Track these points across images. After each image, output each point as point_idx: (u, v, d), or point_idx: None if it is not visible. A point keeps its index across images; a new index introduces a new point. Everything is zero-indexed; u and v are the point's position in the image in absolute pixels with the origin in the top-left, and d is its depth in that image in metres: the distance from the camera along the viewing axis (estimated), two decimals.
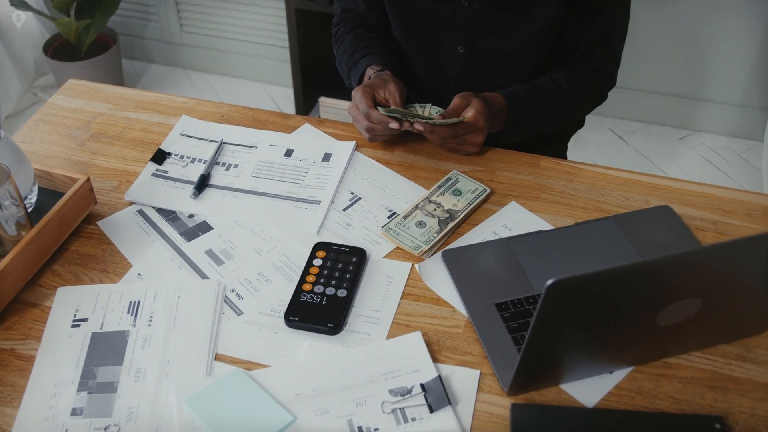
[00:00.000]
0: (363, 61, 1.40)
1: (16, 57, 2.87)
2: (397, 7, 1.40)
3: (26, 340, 1.03)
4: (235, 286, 1.10)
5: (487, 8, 1.32)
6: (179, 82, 3.12)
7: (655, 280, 0.83)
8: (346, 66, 1.46)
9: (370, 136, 1.30)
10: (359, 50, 1.43)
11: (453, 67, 1.42)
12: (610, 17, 1.35)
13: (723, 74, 2.66)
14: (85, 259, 1.15)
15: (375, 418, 0.93)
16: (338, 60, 1.51)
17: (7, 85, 2.80)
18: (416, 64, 1.46)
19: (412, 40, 1.44)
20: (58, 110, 1.44)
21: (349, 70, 1.45)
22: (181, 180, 1.28)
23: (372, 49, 1.43)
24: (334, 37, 1.54)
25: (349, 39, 1.48)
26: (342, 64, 1.48)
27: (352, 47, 1.45)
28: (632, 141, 2.79)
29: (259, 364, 1.00)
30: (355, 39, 1.47)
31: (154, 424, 0.93)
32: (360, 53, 1.43)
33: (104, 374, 0.98)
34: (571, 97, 1.37)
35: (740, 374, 0.99)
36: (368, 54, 1.42)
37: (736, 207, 1.23)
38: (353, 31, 1.49)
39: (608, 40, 1.38)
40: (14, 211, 1.08)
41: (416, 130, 1.24)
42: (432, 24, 1.38)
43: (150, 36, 3.15)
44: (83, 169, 1.30)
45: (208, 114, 1.43)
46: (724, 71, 2.65)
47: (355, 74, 1.42)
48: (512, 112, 1.32)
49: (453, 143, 1.28)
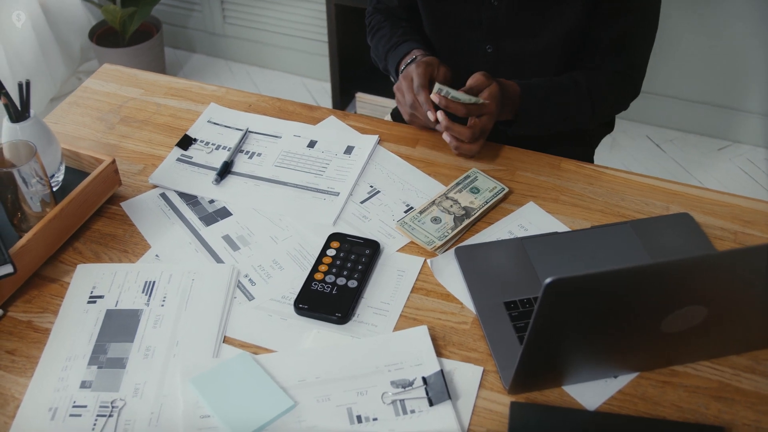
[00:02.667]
0: (405, 45, 1.41)
1: (63, 42, 2.94)
2: (428, 5, 1.41)
3: (44, 314, 1.07)
4: (248, 271, 1.12)
5: (513, 8, 1.32)
6: (219, 72, 3.16)
7: (658, 286, 0.82)
8: (384, 48, 1.46)
9: (410, 117, 1.31)
10: (397, 35, 1.44)
11: (481, 67, 1.41)
12: (636, 21, 1.33)
13: (765, 85, 2.60)
14: (106, 239, 1.18)
15: (374, 408, 0.93)
16: (374, 46, 1.51)
17: (52, 69, 2.87)
18: (446, 62, 1.46)
19: (442, 38, 1.45)
20: (91, 93, 1.48)
21: (386, 52, 1.45)
22: (205, 166, 1.30)
23: (411, 36, 1.44)
24: (368, 27, 1.56)
25: (387, 26, 1.49)
26: (379, 48, 1.48)
27: (390, 32, 1.46)
28: (669, 150, 2.75)
29: (265, 349, 1.02)
30: (393, 26, 1.48)
31: (158, 401, 0.95)
32: (399, 38, 1.44)
33: (115, 350, 1.01)
34: (588, 96, 1.35)
35: (748, 386, 0.98)
36: (409, 40, 1.43)
37: (759, 218, 1.21)
38: (388, 19, 1.50)
39: (633, 44, 1.36)
40: (39, 189, 1.11)
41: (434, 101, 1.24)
42: (461, 23, 1.39)
43: (193, 26, 3.20)
44: (111, 151, 1.33)
45: (236, 103, 1.45)
46: (766, 81, 2.60)
47: (395, 57, 1.42)
48: (525, 102, 1.31)
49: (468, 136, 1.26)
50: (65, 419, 0.93)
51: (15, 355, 1.01)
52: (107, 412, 0.94)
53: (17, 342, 1.03)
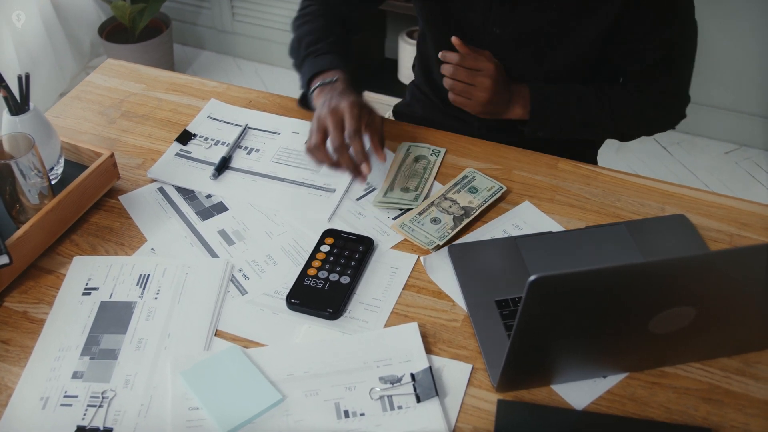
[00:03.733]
0: (328, 58, 1.31)
1: (73, 37, 2.96)
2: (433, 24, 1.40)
3: (39, 305, 1.08)
4: (242, 266, 1.13)
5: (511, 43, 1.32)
6: (228, 69, 3.18)
7: (644, 286, 0.82)
8: (305, 49, 1.34)
9: (320, 156, 1.18)
10: (325, 42, 1.34)
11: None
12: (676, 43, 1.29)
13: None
14: (103, 231, 1.19)
15: (362, 404, 0.94)
16: (296, 38, 1.39)
17: (62, 64, 2.89)
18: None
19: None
20: (93, 88, 1.49)
21: (307, 55, 1.33)
22: (203, 161, 1.31)
23: (339, 48, 1.34)
24: (300, 10, 1.44)
25: (319, 24, 1.38)
26: (301, 44, 1.36)
27: (320, 34, 1.35)
28: (676, 152, 2.74)
29: (256, 343, 1.03)
30: (325, 27, 1.37)
31: (148, 393, 0.96)
32: (326, 46, 1.33)
33: (107, 341, 1.02)
34: (609, 107, 1.33)
35: (738, 389, 0.97)
36: (334, 52, 1.32)
37: (755, 220, 1.20)
38: (324, 16, 1.40)
39: (673, 61, 1.32)
40: (37, 181, 1.12)
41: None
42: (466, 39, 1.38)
43: (202, 23, 3.21)
44: (111, 145, 1.34)
45: (236, 99, 1.46)
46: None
47: (313, 65, 1.31)
48: (537, 99, 1.30)
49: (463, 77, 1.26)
50: (56, 408, 0.94)
51: (9, 345, 1.02)
52: (97, 402, 0.94)
53: (12, 332, 1.04)
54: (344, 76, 1.27)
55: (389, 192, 1.24)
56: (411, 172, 1.28)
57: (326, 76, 1.28)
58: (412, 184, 1.25)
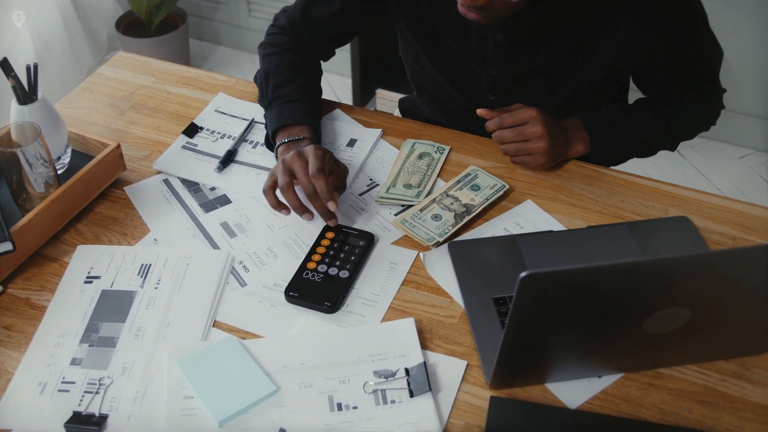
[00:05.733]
0: (297, 108, 1.26)
1: (90, 31, 2.99)
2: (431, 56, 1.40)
3: (42, 292, 1.09)
4: (243, 258, 1.14)
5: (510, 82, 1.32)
6: (243, 65, 3.19)
7: (637, 285, 0.82)
8: (273, 92, 1.29)
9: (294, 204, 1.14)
10: (296, 86, 1.30)
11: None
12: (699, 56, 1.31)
13: None
14: (107, 221, 1.20)
15: (355, 397, 0.94)
16: (263, 71, 1.33)
17: (79, 57, 2.92)
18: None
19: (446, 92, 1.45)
20: (104, 80, 1.50)
21: (274, 99, 1.29)
22: (209, 154, 1.32)
23: (308, 95, 1.32)
24: (268, 38, 1.39)
25: (288, 60, 1.34)
26: (269, 82, 1.31)
27: (290, 74, 1.32)
28: (689, 156, 2.72)
29: (253, 335, 1.03)
30: (295, 66, 1.33)
31: (144, 381, 0.97)
32: (297, 92, 1.29)
33: (107, 329, 1.03)
34: (663, 119, 1.32)
35: (734, 392, 0.97)
36: (304, 102, 1.29)
37: (759, 224, 1.19)
38: (295, 50, 1.36)
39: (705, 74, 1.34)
40: (43, 170, 1.14)
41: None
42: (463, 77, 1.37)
43: (219, 18, 3.23)
44: (119, 136, 1.36)
45: (245, 93, 1.47)
46: None
47: (280, 115, 1.26)
48: (591, 128, 1.28)
49: (514, 142, 1.23)
50: (53, 394, 0.95)
51: (11, 331, 1.04)
52: (94, 389, 0.96)
53: (14, 318, 1.06)
54: (311, 134, 1.24)
55: (392, 188, 1.24)
56: (414, 168, 1.28)
57: (293, 132, 1.24)
58: (415, 180, 1.26)
